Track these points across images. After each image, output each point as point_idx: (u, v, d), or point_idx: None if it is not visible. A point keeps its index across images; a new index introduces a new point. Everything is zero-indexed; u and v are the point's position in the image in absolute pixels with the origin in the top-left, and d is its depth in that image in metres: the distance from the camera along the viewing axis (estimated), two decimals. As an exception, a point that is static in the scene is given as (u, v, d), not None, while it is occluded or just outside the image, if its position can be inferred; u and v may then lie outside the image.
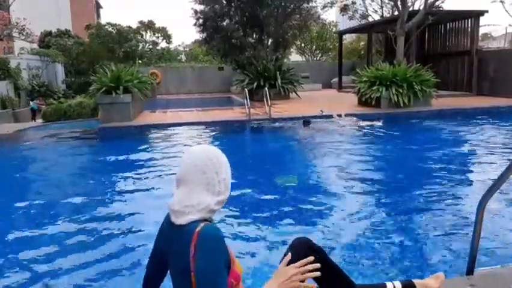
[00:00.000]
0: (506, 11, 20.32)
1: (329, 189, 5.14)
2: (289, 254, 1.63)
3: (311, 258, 1.55)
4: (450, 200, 4.57)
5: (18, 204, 4.89)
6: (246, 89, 13.29)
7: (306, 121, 11.17)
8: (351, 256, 3.21)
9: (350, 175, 5.75)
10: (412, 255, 3.25)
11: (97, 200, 5.00)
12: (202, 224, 1.43)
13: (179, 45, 39.86)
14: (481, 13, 15.94)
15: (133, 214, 4.47)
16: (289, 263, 1.57)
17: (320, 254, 1.97)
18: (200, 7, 18.48)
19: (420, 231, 3.73)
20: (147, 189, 5.34)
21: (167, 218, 1.57)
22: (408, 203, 4.53)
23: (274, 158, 7.47)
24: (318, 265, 1.54)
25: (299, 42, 32.23)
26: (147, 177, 5.97)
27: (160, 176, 5.99)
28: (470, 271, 2.27)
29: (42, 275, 3.12)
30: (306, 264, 1.53)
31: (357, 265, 3.05)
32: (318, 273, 1.53)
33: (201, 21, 18.51)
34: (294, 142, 9.05)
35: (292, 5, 18.22)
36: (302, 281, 1.53)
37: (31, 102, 19.88)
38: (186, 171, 1.50)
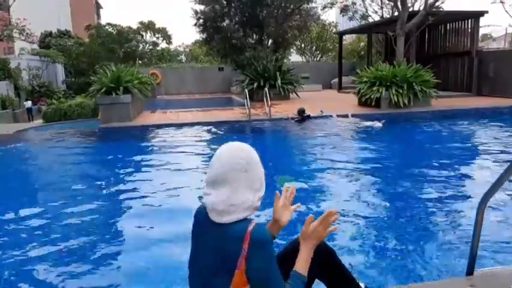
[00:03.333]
0: (506, 11, 20.30)
1: (328, 189, 5.14)
2: (311, 216, 1.71)
3: (333, 211, 1.69)
4: (450, 201, 4.57)
5: (16, 205, 4.89)
6: (246, 90, 13.30)
7: (301, 110, 11.13)
8: (350, 255, 3.21)
9: (349, 175, 5.74)
10: (412, 255, 3.25)
11: (97, 200, 5.00)
12: (253, 224, 1.47)
13: (179, 46, 39.89)
14: (481, 14, 15.95)
15: (132, 214, 4.48)
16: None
17: (331, 257, 1.98)
18: (200, 7, 18.53)
19: (420, 232, 3.72)
20: (147, 189, 5.33)
21: (202, 216, 1.57)
22: (408, 203, 4.53)
23: (274, 158, 7.47)
24: (338, 217, 1.70)
25: (299, 43, 32.23)
26: (147, 178, 5.96)
27: (160, 176, 5.99)
28: (470, 271, 2.27)
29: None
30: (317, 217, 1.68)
31: (355, 264, 3.05)
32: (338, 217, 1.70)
33: (201, 21, 18.52)
34: (294, 142, 9.05)
35: (292, 6, 18.22)
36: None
37: (25, 102, 19.82)
38: (227, 170, 1.49)
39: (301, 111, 11.11)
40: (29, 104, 19.53)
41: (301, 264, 1.61)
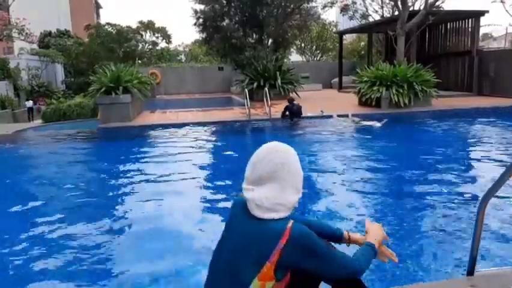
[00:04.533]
0: (507, 11, 20.22)
1: (328, 189, 5.12)
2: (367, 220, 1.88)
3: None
4: (450, 201, 4.54)
5: (14, 207, 4.87)
6: (246, 89, 13.29)
7: (290, 99, 11.18)
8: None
9: (349, 175, 5.73)
10: (412, 255, 3.23)
11: (96, 200, 4.98)
12: (291, 222, 1.50)
13: (179, 45, 39.89)
14: (482, 13, 15.93)
15: (131, 214, 4.45)
16: None
17: None
18: (200, 7, 18.52)
19: (421, 232, 3.70)
20: (146, 189, 5.31)
21: (239, 207, 1.61)
22: (408, 203, 4.50)
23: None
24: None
25: (299, 42, 32.23)
26: (147, 178, 5.93)
27: (159, 176, 5.96)
28: (470, 272, 2.25)
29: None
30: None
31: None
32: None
33: (200, 21, 18.51)
34: (294, 142, 9.02)
35: (292, 5, 18.21)
36: None
37: (26, 102, 19.86)
38: (274, 170, 1.53)
39: (290, 100, 11.19)
40: (30, 103, 19.56)
41: (372, 240, 1.76)
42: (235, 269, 1.54)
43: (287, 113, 11.02)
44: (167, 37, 30.27)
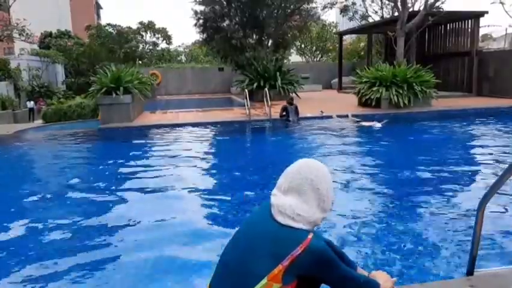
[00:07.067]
0: (506, 12, 20.22)
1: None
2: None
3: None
4: (450, 201, 4.56)
5: (13, 207, 4.89)
6: (246, 90, 13.31)
7: (290, 99, 11.25)
8: (349, 255, 3.20)
9: (348, 175, 5.74)
10: (412, 255, 3.25)
11: (96, 201, 5.00)
12: (311, 234, 1.55)
13: (179, 46, 39.86)
14: (481, 14, 15.96)
15: (131, 213, 4.47)
16: None
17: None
18: (200, 8, 18.55)
19: (421, 232, 3.72)
20: (147, 190, 5.33)
21: (264, 211, 1.66)
22: (407, 204, 4.52)
23: (274, 158, 7.46)
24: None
25: (299, 43, 32.24)
26: (147, 178, 5.95)
27: (160, 176, 5.98)
28: (470, 272, 2.27)
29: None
30: None
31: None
32: None
33: (201, 21, 18.54)
34: (294, 142, 9.05)
35: (292, 6, 18.24)
36: None
37: (28, 102, 19.88)
38: (301, 183, 1.62)
39: (290, 101, 11.27)
40: (31, 104, 19.58)
41: (379, 281, 1.72)
42: (247, 265, 1.57)
43: (284, 113, 11.11)
44: (167, 38, 30.27)
